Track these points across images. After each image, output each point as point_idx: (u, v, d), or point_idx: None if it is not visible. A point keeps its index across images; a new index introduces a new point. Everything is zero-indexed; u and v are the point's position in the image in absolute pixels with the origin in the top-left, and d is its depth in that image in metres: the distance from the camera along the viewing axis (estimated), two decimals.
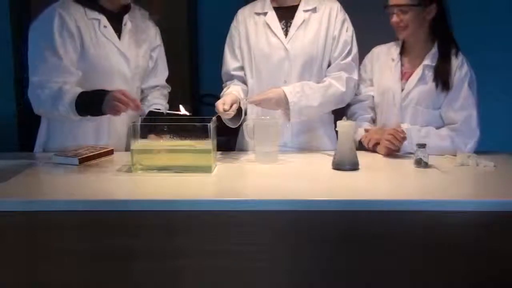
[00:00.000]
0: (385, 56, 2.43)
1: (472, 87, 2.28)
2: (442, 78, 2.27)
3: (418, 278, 1.79)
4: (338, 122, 2.11)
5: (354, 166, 2.08)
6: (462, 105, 2.25)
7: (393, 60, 2.39)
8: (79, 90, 2.21)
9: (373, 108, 2.47)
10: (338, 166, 2.09)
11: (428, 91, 2.29)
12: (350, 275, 1.80)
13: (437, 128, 2.30)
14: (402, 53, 2.39)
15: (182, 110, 2.16)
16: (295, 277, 1.80)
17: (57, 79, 2.21)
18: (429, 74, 2.30)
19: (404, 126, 2.24)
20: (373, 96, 2.46)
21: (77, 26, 2.26)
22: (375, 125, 2.43)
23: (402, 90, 2.34)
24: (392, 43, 2.44)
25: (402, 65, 2.37)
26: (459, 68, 2.27)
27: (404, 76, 2.35)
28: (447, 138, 2.22)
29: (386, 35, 2.42)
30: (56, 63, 2.22)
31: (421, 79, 2.31)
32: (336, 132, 2.14)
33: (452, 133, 2.23)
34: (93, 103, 2.17)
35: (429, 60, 2.30)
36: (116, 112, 2.16)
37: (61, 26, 2.24)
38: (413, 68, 2.33)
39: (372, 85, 2.46)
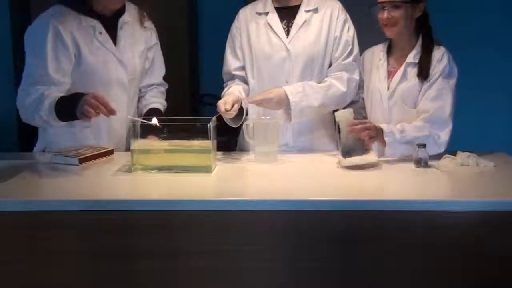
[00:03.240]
0: (373, 57, 2.43)
1: (449, 80, 2.27)
2: (424, 70, 2.27)
3: (418, 278, 1.79)
4: (336, 113, 2.14)
5: (361, 150, 2.09)
6: (436, 95, 2.25)
7: (380, 60, 2.39)
8: (60, 95, 2.18)
9: (365, 109, 2.47)
10: (346, 153, 2.10)
11: (411, 88, 2.30)
12: (350, 275, 1.80)
13: None
14: (388, 52, 2.39)
15: (154, 121, 2.12)
16: (295, 277, 1.80)
17: (40, 87, 2.20)
18: (412, 71, 2.30)
19: (383, 126, 2.22)
20: (363, 98, 2.47)
21: (72, 35, 2.24)
22: None
23: (388, 89, 2.34)
24: (380, 44, 2.45)
25: (388, 64, 2.38)
26: (439, 61, 2.27)
27: (390, 75, 2.36)
28: (424, 128, 2.21)
29: (383, 34, 2.41)
30: (42, 74, 2.20)
31: (404, 76, 2.31)
32: (335, 127, 2.15)
33: (426, 123, 2.23)
34: (69, 107, 2.13)
35: (411, 58, 2.31)
36: (86, 117, 2.09)
37: (54, 38, 2.21)
38: (398, 66, 2.34)
39: (363, 86, 2.46)
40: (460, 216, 1.74)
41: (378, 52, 2.43)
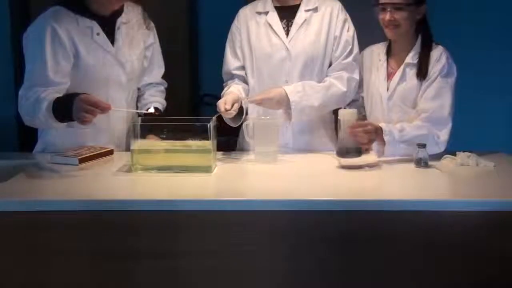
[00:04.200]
0: (373, 57, 2.43)
1: (448, 79, 2.26)
2: (423, 70, 2.27)
3: (418, 278, 1.79)
4: (340, 111, 2.13)
5: (358, 152, 2.09)
6: (435, 94, 2.24)
7: (380, 60, 2.39)
8: (56, 95, 2.17)
9: (364, 107, 2.47)
10: (342, 153, 2.10)
11: (410, 88, 2.30)
12: (350, 275, 1.80)
13: None
14: (388, 53, 2.39)
15: (151, 110, 2.14)
16: (295, 277, 1.80)
17: (38, 88, 2.19)
18: (411, 72, 2.30)
19: (382, 125, 2.22)
20: (363, 97, 2.47)
21: (70, 36, 2.24)
22: None
23: (388, 90, 2.34)
24: (380, 44, 2.44)
25: (388, 64, 2.37)
26: (437, 61, 2.27)
27: (389, 75, 2.35)
28: (423, 127, 2.21)
29: (383, 34, 2.41)
30: (41, 76, 2.20)
31: (403, 77, 2.31)
32: (335, 125, 2.14)
33: (426, 123, 2.22)
34: (64, 109, 2.12)
35: (410, 58, 2.31)
36: (84, 122, 2.09)
37: (53, 39, 2.21)
38: (397, 67, 2.34)
39: (362, 85, 2.46)
40: (460, 216, 1.74)
41: (378, 52, 2.43)
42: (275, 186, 1.93)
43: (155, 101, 2.49)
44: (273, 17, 2.40)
